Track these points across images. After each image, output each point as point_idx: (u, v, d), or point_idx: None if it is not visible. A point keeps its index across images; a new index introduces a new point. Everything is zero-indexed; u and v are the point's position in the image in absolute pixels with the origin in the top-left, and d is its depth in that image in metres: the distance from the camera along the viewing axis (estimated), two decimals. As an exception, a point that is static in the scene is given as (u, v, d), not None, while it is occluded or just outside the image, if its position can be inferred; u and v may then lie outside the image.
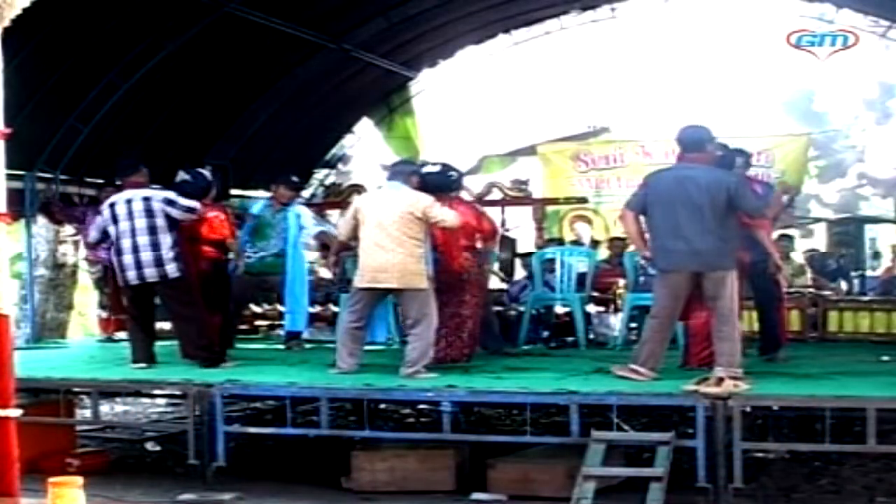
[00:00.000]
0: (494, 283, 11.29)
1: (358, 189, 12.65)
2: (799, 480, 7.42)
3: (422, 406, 9.11)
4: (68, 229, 12.38)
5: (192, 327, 8.23)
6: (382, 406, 9.25)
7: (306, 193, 15.58)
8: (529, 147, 15.94)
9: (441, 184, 8.33)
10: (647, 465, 6.48)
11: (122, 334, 10.77)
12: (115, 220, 8.14)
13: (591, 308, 10.57)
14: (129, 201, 8.12)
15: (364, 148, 16.97)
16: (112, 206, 8.19)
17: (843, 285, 12.48)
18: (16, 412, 4.09)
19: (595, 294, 10.63)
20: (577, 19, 15.50)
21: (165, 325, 9.30)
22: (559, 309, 10.64)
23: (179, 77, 12.24)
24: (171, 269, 8.03)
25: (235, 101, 13.62)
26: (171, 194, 8.23)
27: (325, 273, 12.32)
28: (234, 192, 12.41)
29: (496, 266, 11.23)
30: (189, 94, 12.72)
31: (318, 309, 11.17)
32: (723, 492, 6.37)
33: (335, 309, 10.92)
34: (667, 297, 7.21)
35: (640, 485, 6.26)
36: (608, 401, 6.75)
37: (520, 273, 12.23)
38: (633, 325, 10.21)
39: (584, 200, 13.96)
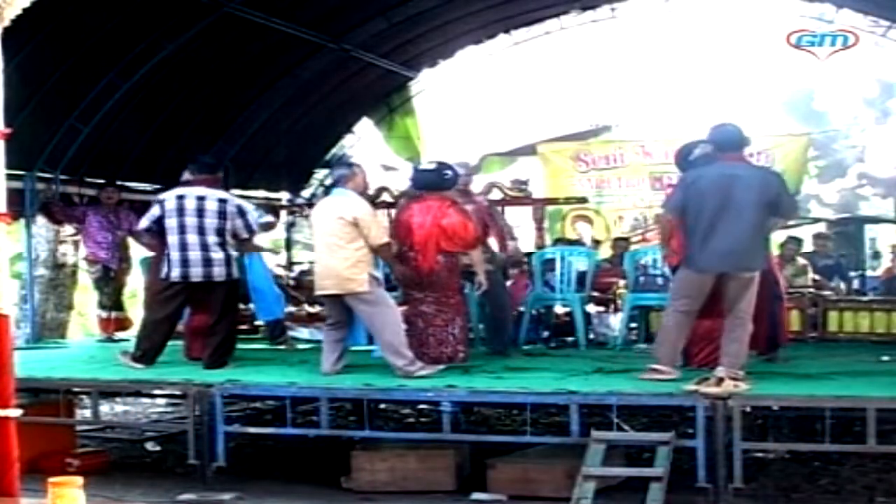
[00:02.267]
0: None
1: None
2: (799, 480, 7.42)
3: (422, 406, 9.11)
4: (68, 229, 12.38)
5: (226, 330, 8.23)
6: (382, 406, 9.25)
7: (306, 193, 15.62)
8: (529, 147, 15.94)
9: (435, 182, 8.32)
10: (647, 465, 6.48)
11: (122, 334, 10.80)
12: (181, 212, 8.02)
13: (591, 308, 10.57)
14: (201, 198, 8.05)
15: (364, 148, 16.95)
16: (181, 198, 8.08)
17: (841, 284, 12.46)
18: (16, 412, 4.08)
19: (595, 294, 10.63)
20: (577, 19, 15.49)
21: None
22: (559, 309, 10.64)
23: (179, 77, 12.23)
24: (234, 271, 8.13)
25: (235, 101, 13.61)
26: (245, 204, 8.29)
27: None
28: (234, 192, 12.36)
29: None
30: (189, 94, 12.71)
31: (317, 309, 11.17)
32: (723, 492, 6.37)
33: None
34: (689, 295, 7.15)
35: (640, 485, 6.27)
36: (608, 401, 6.75)
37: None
38: (633, 325, 10.21)
39: (584, 200, 13.96)
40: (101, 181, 11.78)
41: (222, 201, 8.09)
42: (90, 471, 6.81)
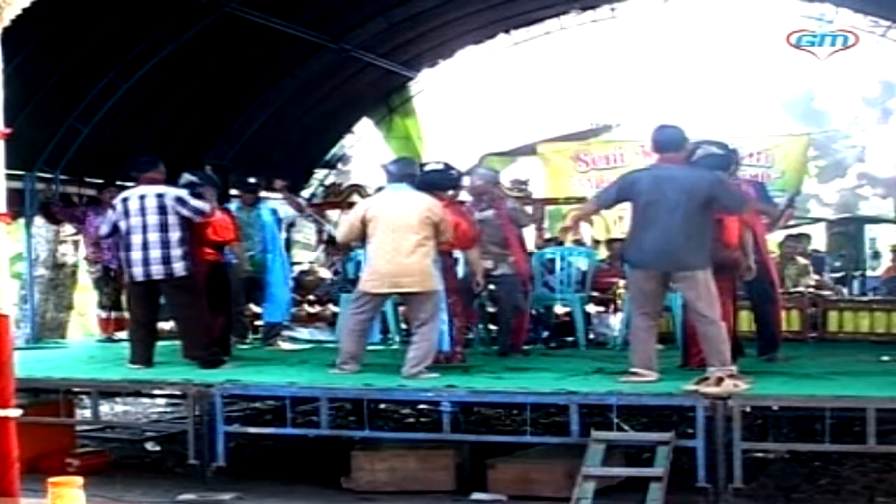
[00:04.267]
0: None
1: (358, 189, 12.65)
2: (799, 480, 7.42)
3: (422, 406, 9.11)
4: (68, 229, 12.38)
5: (195, 328, 8.20)
6: (382, 406, 9.25)
7: (306, 193, 15.61)
8: (529, 147, 15.92)
9: (443, 182, 8.34)
10: (647, 465, 6.48)
11: (122, 334, 10.79)
12: (126, 214, 8.08)
13: (591, 308, 10.57)
14: (142, 197, 8.07)
15: (364, 148, 16.97)
16: (125, 200, 8.15)
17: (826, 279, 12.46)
18: (16, 412, 4.08)
19: (595, 294, 10.63)
20: (577, 19, 15.50)
21: (165, 325, 9.32)
22: (559, 309, 10.64)
23: (179, 77, 12.23)
24: (179, 268, 8.01)
25: (235, 101, 13.62)
26: (183, 193, 8.18)
27: (325, 273, 12.32)
28: (233, 192, 12.42)
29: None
30: (189, 94, 12.72)
31: (317, 309, 11.17)
32: (723, 492, 6.37)
33: (335, 309, 10.93)
34: (638, 296, 7.29)
35: (640, 485, 6.26)
36: (608, 401, 6.75)
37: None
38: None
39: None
40: (101, 181, 11.79)
41: (160, 196, 8.05)
42: (90, 471, 6.79)
